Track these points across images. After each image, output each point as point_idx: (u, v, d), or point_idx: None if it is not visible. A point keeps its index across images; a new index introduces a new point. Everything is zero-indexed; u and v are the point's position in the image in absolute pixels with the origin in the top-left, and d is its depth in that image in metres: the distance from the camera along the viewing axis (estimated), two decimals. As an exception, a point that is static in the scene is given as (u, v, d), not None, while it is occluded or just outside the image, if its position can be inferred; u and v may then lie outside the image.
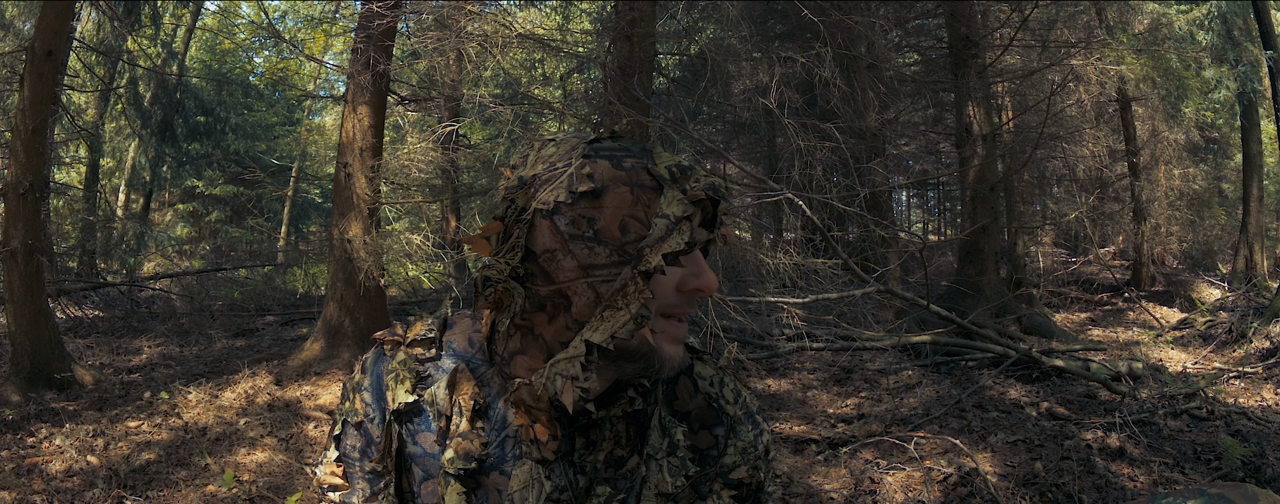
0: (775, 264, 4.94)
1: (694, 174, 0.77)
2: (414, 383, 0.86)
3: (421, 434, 0.85)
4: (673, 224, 0.74)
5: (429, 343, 0.88)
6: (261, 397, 4.95)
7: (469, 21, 5.50)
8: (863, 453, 3.81)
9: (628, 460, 0.84)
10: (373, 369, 0.88)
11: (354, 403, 0.89)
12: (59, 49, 4.92)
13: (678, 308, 0.77)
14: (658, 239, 0.74)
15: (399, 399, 0.85)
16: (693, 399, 0.89)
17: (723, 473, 0.90)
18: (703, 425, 0.89)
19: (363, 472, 0.88)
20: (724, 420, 0.90)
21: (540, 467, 0.81)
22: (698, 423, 0.89)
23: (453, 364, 0.86)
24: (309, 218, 17.46)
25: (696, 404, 0.89)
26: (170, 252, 14.08)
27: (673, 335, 0.78)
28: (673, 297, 0.77)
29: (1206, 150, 13.51)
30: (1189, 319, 8.02)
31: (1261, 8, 9.15)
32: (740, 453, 0.90)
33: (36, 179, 4.84)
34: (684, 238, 0.73)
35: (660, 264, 0.72)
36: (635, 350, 0.75)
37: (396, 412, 0.85)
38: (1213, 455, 3.54)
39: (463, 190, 7.03)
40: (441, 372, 0.86)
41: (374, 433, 0.87)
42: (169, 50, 12.68)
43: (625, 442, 0.83)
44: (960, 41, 7.37)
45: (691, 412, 0.89)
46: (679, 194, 0.75)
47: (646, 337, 0.74)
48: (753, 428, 0.91)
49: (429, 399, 0.85)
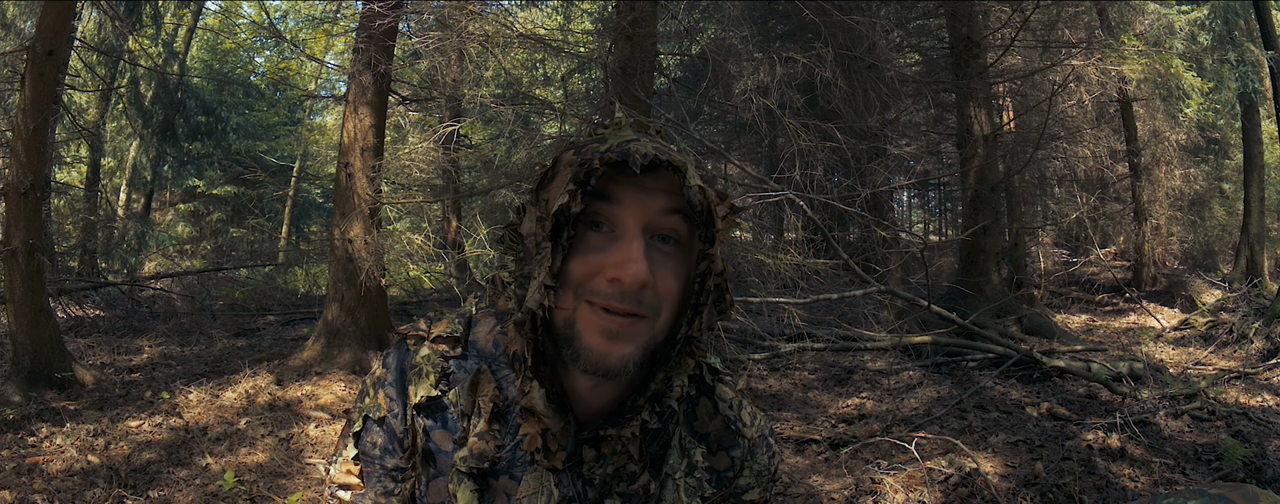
0: (776, 264, 4.94)
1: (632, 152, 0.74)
2: (438, 379, 0.85)
3: (438, 431, 0.84)
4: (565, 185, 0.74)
5: (454, 341, 0.87)
6: (262, 396, 4.95)
7: (470, 21, 5.50)
8: (863, 453, 3.81)
9: (639, 477, 0.83)
10: (396, 364, 0.87)
11: (376, 398, 0.87)
12: (60, 48, 4.92)
13: (604, 298, 0.72)
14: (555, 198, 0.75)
15: (422, 393, 0.84)
16: (712, 421, 0.89)
17: (737, 494, 0.90)
18: (721, 447, 0.89)
19: (385, 469, 0.86)
20: (741, 443, 0.90)
21: (550, 475, 0.81)
22: (716, 444, 0.89)
23: (476, 365, 0.85)
24: (310, 218, 17.47)
25: (716, 426, 0.89)
26: (171, 251, 14.09)
27: (598, 327, 0.73)
28: (600, 284, 0.73)
29: (1207, 150, 13.48)
30: (1190, 320, 8.01)
31: (1262, 8, 9.15)
32: (755, 475, 0.91)
33: (37, 178, 4.84)
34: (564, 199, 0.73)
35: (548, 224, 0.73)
36: (560, 330, 0.75)
37: (418, 405, 0.84)
38: (1213, 456, 3.53)
39: (464, 190, 7.03)
40: (465, 372, 0.85)
41: (397, 429, 0.85)
42: (170, 50, 12.68)
43: (638, 458, 0.82)
44: (961, 42, 7.36)
45: (711, 433, 0.89)
46: (572, 155, 0.75)
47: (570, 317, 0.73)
48: (767, 451, 0.92)
49: (453, 399, 0.84)
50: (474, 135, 10.94)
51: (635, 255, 0.72)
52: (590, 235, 0.74)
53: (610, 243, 0.74)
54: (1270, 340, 6.03)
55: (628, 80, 5.07)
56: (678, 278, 0.75)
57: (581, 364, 0.74)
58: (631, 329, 0.73)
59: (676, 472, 0.85)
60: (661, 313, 0.75)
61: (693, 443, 0.87)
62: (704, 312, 0.77)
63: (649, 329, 0.75)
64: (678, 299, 0.76)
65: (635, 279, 0.71)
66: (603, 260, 0.73)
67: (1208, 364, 6.07)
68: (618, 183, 0.74)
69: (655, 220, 0.74)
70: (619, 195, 0.74)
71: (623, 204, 0.74)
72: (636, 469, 0.82)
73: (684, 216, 0.75)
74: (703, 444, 0.88)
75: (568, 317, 0.74)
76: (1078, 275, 12.00)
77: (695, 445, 0.87)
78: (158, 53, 12.19)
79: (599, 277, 0.73)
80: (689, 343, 0.78)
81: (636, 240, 0.73)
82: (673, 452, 0.85)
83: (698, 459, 0.86)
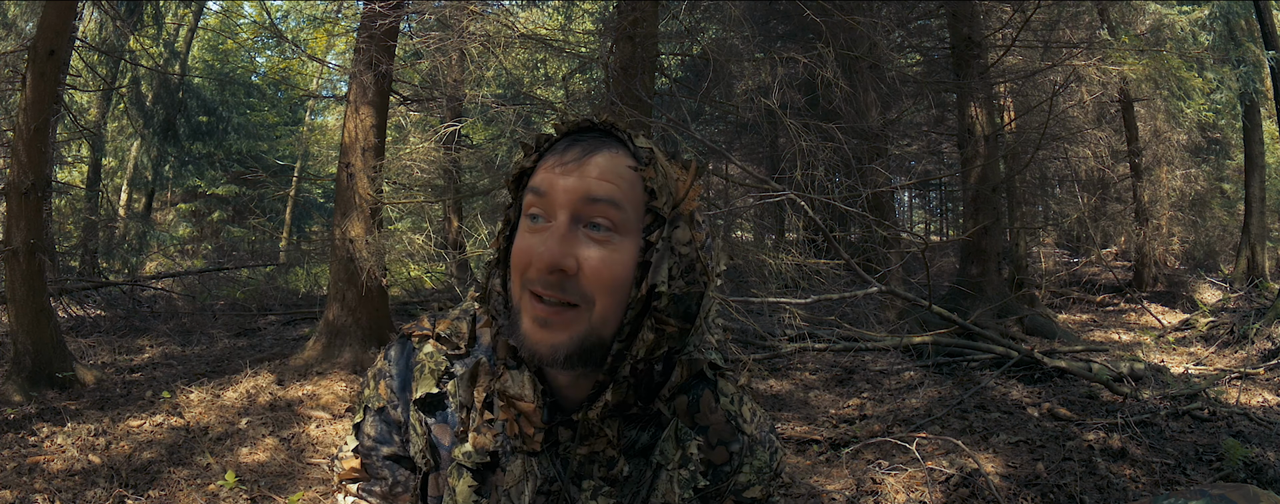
0: (777, 264, 4.94)
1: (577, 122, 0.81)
2: (439, 377, 0.86)
3: (438, 426, 0.86)
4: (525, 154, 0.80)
5: (460, 338, 0.88)
6: (263, 396, 4.95)
7: (471, 21, 5.50)
8: (865, 453, 3.81)
9: (616, 461, 0.83)
10: (400, 359, 0.89)
11: (376, 389, 0.89)
12: (61, 48, 4.92)
13: (534, 285, 0.74)
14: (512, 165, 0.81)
15: (423, 390, 0.86)
16: (714, 414, 0.89)
17: (736, 490, 0.90)
18: (720, 440, 0.89)
19: (381, 459, 0.88)
20: (740, 438, 0.90)
21: (531, 460, 0.82)
22: (716, 437, 0.89)
23: (476, 359, 0.86)
24: (311, 218, 17.48)
25: (717, 419, 0.89)
26: (172, 251, 14.10)
27: (531, 314, 0.75)
28: (532, 271, 0.74)
29: (1208, 151, 13.48)
30: (1191, 320, 8.01)
31: (1263, 8, 9.15)
32: (755, 472, 0.91)
33: (38, 178, 4.84)
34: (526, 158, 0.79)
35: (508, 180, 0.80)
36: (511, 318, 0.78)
37: (419, 401, 0.86)
38: (1214, 456, 3.53)
39: (465, 190, 7.04)
40: (465, 367, 0.87)
41: (396, 419, 0.88)
42: (171, 50, 12.69)
43: (615, 441, 0.82)
44: (962, 42, 7.36)
45: (711, 426, 0.89)
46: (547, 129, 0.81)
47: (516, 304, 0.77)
48: (768, 448, 0.92)
49: (452, 392, 0.86)
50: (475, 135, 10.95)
51: (549, 240, 0.73)
52: (531, 226, 0.76)
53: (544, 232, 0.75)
54: (1271, 340, 6.02)
55: (629, 80, 5.07)
56: (612, 265, 0.74)
57: (523, 351, 0.76)
58: (560, 318, 0.74)
59: (670, 463, 0.85)
60: (597, 302, 0.74)
61: (690, 435, 0.86)
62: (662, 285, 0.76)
63: (583, 318, 0.74)
64: (618, 287, 0.75)
65: (542, 260, 0.73)
66: (536, 247, 0.74)
67: (1208, 364, 6.07)
68: (554, 174, 0.76)
69: (582, 208, 0.74)
70: (550, 187, 0.75)
71: (552, 194, 0.75)
72: (614, 453, 0.83)
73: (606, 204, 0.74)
74: (701, 436, 0.88)
75: (515, 304, 0.77)
76: (1079, 275, 12.00)
77: (692, 437, 0.86)
78: (159, 53, 12.20)
79: (533, 265, 0.74)
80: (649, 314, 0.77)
81: (558, 226, 0.74)
82: (667, 442, 0.85)
83: (693, 451, 0.86)
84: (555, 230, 0.74)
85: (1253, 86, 10.25)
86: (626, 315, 0.76)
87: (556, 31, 8.92)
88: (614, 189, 0.74)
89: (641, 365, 0.78)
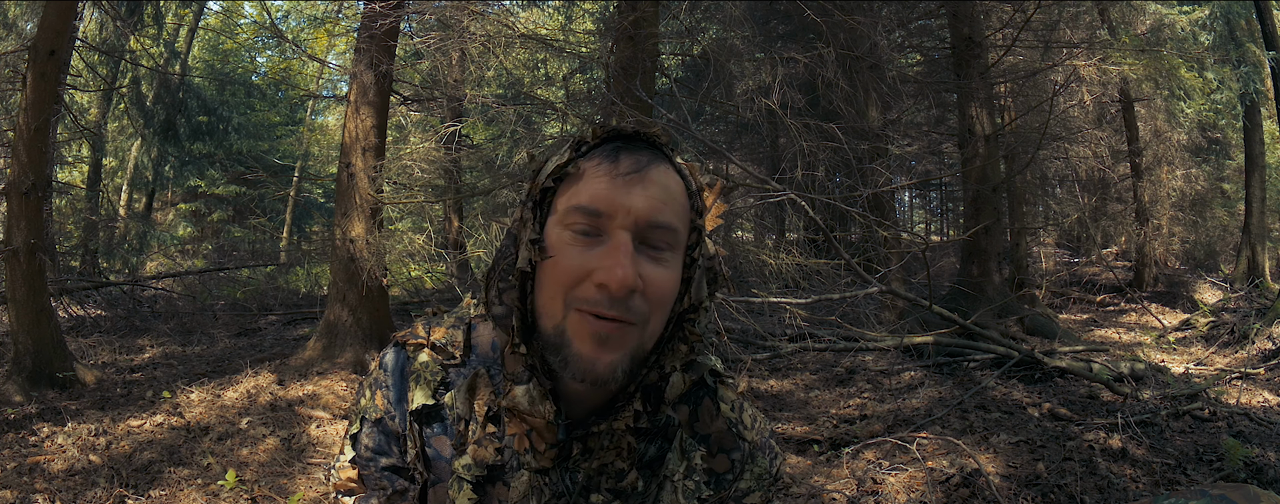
0: (778, 264, 4.94)
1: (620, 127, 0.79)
2: (435, 387, 0.85)
3: (437, 438, 0.84)
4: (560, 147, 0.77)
5: (456, 347, 0.87)
6: (263, 396, 4.95)
7: (472, 21, 5.50)
8: (865, 453, 3.81)
9: (626, 474, 0.82)
10: (394, 368, 0.87)
11: (373, 399, 0.87)
12: (61, 48, 4.92)
13: (592, 304, 0.72)
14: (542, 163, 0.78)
15: (419, 401, 0.84)
16: (715, 422, 0.89)
17: (737, 497, 0.90)
18: (722, 449, 0.89)
19: (380, 469, 0.86)
20: (742, 445, 0.90)
21: (539, 476, 0.81)
22: (717, 446, 0.89)
23: (473, 369, 0.85)
24: (311, 218, 17.48)
25: (717, 428, 0.89)
26: (173, 251, 14.10)
27: (587, 332, 0.72)
28: (588, 290, 0.72)
29: (1208, 151, 13.49)
30: (1191, 320, 8.01)
31: (1263, 8, 9.15)
32: (756, 479, 0.90)
33: (39, 178, 4.84)
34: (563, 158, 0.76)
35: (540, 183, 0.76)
36: (549, 338, 0.75)
37: (415, 412, 0.84)
38: (1215, 456, 3.53)
39: (465, 190, 7.04)
40: (462, 376, 0.85)
41: (393, 429, 0.86)
42: (171, 50, 12.70)
43: (627, 454, 0.82)
44: (963, 42, 7.36)
45: (712, 435, 0.89)
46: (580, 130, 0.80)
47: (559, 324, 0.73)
48: (768, 454, 0.92)
49: (449, 403, 0.84)
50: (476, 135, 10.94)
51: (622, 259, 0.71)
52: (579, 241, 0.74)
53: (597, 247, 0.73)
54: (1271, 340, 6.03)
55: (629, 80, 5.07)
56: (670, 284, 0.75)
57: (570, 371, 0.74)
58: (620, 335, 0.72)
59: (675, 474, 0.84)
60: (651, 319, 0.74)
61: (694, 445, 0.86)
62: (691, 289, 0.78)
63: (638, 336, 0.74)
64: (669, 303, 0.76)
65: (622, 284, 0.70)
66: (589, 265, 0.72)
67: (1209, 364, 6.07)
68: (614, 192, 0.73)
69: (647, 233, 0.73)
70: (610, 206, 0.73)
71: (612, 213, 0.73)
72: (624, 466, 0.82)
73: (667, 230, 0.74)
74: (703, 446, 0.88)
75: (557, 324, 0.74)
76: (1079, 275, 11.99)
77: (696, 447, 0.86)
78: (159, 53, 12.20)
79: (587, 282, 0.72)
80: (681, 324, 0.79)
81: (624, 244, 0.72)
82: (673, 454, 0.85)
83: (697, 461, 0.86)
84: (623, 250, 0.71)
85: (1253, 86, 10.26)
86: (667, 329, 0.77)
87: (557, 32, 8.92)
88: (675, 216, 0.75)
89: (655, 374, 0.78)
